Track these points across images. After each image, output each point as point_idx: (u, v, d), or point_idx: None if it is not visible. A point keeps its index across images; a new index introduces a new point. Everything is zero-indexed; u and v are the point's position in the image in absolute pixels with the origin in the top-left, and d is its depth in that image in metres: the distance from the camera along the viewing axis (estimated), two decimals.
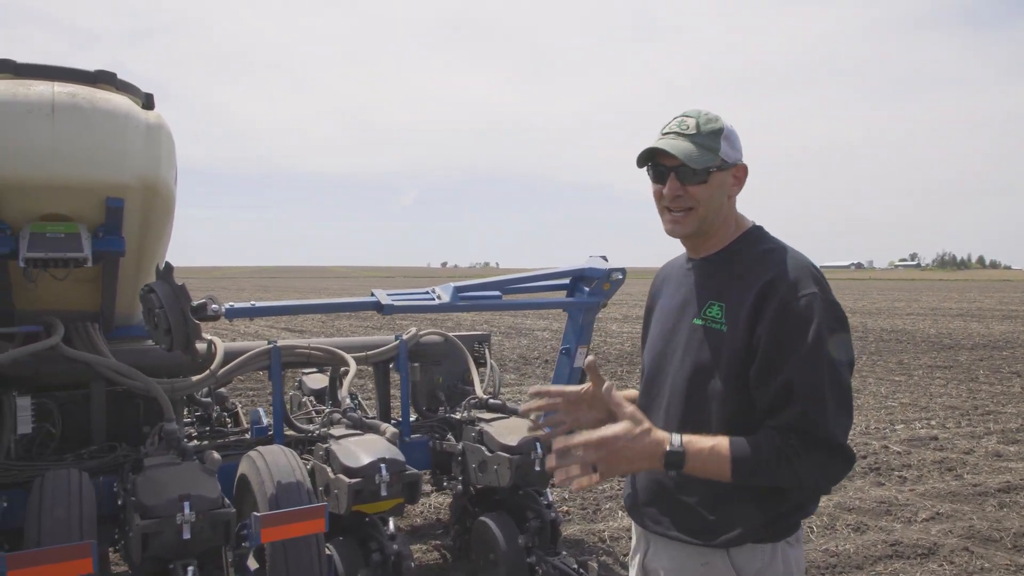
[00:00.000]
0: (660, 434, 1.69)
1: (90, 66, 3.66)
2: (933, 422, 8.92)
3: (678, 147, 1.80)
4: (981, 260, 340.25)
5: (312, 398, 5.57)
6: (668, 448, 1.66)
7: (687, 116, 1.84)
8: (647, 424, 1.69)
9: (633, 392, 2.04)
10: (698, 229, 1.86)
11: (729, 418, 1.76)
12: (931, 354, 15.62)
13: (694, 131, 1.81)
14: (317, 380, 5.70)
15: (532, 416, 1.93)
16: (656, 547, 1.90)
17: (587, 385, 1.88)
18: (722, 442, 1.69)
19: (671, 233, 1.90)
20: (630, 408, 1.70)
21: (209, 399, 4.91)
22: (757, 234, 1.90)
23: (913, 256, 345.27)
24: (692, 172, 1.80)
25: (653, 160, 1.86)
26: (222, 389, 5.26)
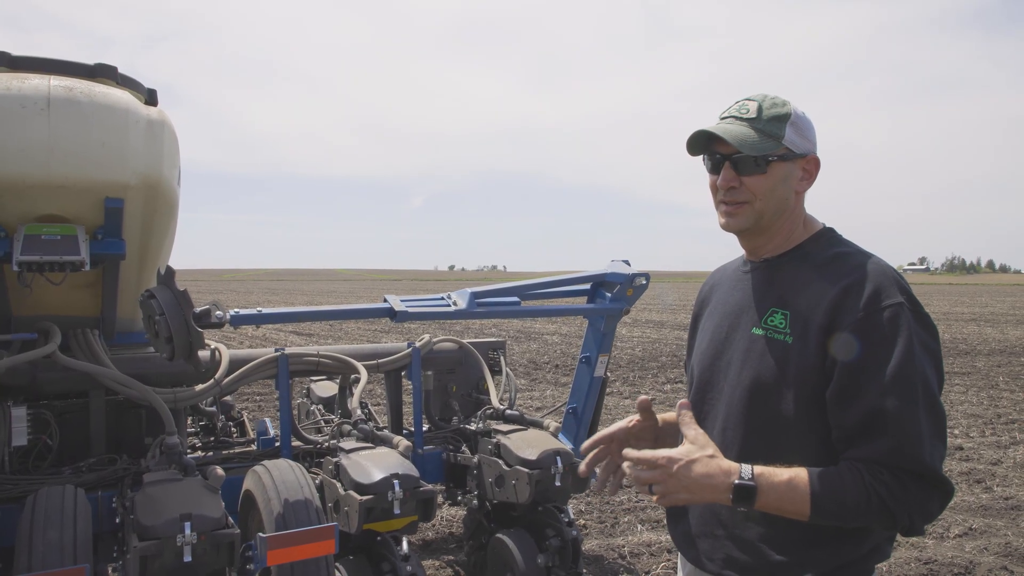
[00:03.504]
0: (727, 463, 1.48)
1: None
2: (956, 431, 8.68)
3: (732, 132, 1.60)
4: (991, 264, 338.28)
5: (321, 407, 5.39)
6: (737, 480, 1.45)
7: (750, 100, 1.63)
8: (712, 450, 1.50)
9: (673, 415, 1.83)
10: (755, 224, 1.65)
11: (802, 446, 1.55)
12: (948, 360, 15.34)
13: (754, 115, 1.60)
14: (326, 388, 5.52)
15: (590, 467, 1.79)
16: None
17: (634, 418, 1.75)
18: (800, 476, 1.47)
19: (724, 227, 1.69)
20: (695, 431, 1.53)
21: (214, 408, 4.73)
22: (829, 236, 1.69)
23: (922, 260, 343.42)
24: (749, 161, 1.59)
25: (708, 148, 1.65)
26: (228, 397, 5.08)
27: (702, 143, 1.66)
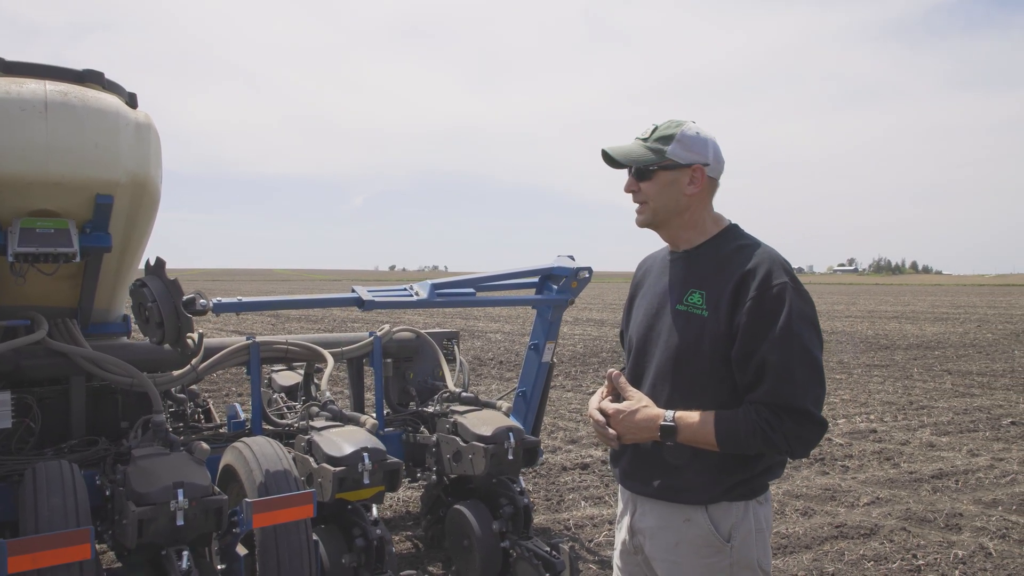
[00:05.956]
0: (657, 411, 1.99)
1: (33, 60, 3.69)
2: (872, 416, 9.42)
3: (620, 148, 2.09)
4: (915, 265, 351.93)
5: (283, 395, 5.66)
6: (662, 422, 1.96)
7: (654, 124, 2.10)
8: (647, 402, 2.01)
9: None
10: (653, 220, 2.12)
11: (715, 395, 1.99)
12: (869, 354, 16.34)
13: (647, 136, 2.08)
14: (287, 377, 5.79)
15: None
16: (643, 508, 2.12)
17: (604, 389, 2.15)
18: (708, 416, 1.94)
19: (636, 223, 2.17)
20: (632, 391, 2.05)
21: (183, 395, 4.97)
22: (734, 231, 2.14)
23: (851, 261, 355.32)
24: (642, 170, 2.07)
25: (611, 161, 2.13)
26: (194, 386, 5.32)
27: (603, 157, 2.13)
